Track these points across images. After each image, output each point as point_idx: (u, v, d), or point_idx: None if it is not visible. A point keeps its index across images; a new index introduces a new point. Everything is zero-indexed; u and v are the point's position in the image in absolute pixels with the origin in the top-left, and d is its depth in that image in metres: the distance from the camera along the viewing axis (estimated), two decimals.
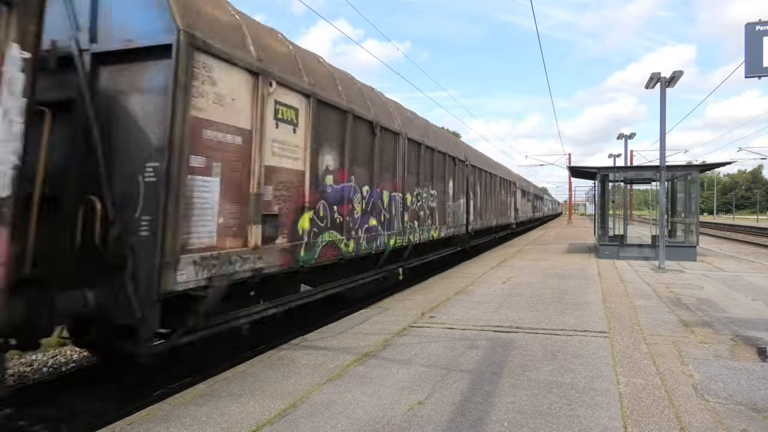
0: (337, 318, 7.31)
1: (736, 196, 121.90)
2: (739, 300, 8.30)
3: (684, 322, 6.69)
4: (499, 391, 4.15)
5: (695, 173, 16.06)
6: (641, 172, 18.08)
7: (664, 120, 13.06)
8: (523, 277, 11.03)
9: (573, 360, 4.99)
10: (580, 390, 4.16)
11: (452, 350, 5.35)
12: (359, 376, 4.56)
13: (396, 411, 3.76)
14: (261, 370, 4.79)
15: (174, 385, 5.35)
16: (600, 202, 17.87)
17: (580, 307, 7.69)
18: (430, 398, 4.00)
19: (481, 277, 11.10)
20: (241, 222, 5.13)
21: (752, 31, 6.54)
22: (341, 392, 4.15)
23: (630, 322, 6.67)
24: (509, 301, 8.13)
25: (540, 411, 3.74)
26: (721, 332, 6.11)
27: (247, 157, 5.21)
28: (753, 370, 4.70)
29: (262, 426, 3.53)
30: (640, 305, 7.83)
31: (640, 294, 8.90)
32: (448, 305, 7.87)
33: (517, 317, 6.95)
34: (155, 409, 3.93)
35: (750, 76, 6.48)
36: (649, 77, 12.88)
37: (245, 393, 4.19)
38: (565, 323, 6.58)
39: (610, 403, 3.88)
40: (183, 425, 3.58)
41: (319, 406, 3.86)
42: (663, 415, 3.66)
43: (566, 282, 10.35)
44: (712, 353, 5.23)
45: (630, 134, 27.66)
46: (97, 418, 4.58)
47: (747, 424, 3.52)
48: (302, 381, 4.44)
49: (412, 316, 7.05)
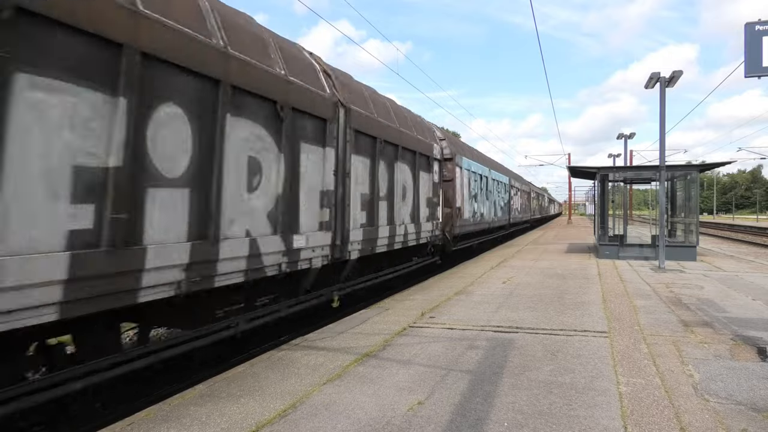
0: (337, 318, 7.31)
1: (736, 195, 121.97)
2: (739, 300, 8.30)
3: (684, 322, 6.68)
4: (499, 391, 4.15)
5: (695, 173, 16.06)
6: (641, 172, 18.07)
7: (663, 120, 13.06)
8: (523, 277, 11.03)
9: (573, 360, 4.99)
10: (581, 390, 4.16)
11: (452, 350, 5.35)
12: (359, 376, 4.56)
13: (396, 411, 3.76)
14: (261, 370, 4.79)
15: (174, 386, 5.35)
16: (600, 202, 17.86)
17: (580, 307, 7.68)
18: (430, 398, 4.00)
19: (480, 278, 11.10)
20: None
21: (752, 31, 6.54)
22: (341, 392, 4.15)
23: (630, 322, 6.66)
24: (509, 302, 8.13)
25: (540, 411, 3.74)
26: (721, 332, 6.11)
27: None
28: (753, 369, 4.70)
29: (262, 426, 3.53)
30: (640, 305, 7.83)
31: (640, 294, 8.90)
32: (448, 305, 7.87)
33: (517, 317, 6.95)
34: (155, 409, 3.93)
35: (749, 76, 6.48)
36: (649, 77, 12.88)
37: (245, 393, 4.19)
38: (565, 323, 6.58)
39: (610, 403, 3.87)
40: (183, 426, 3.58)
41: (319, 407, 3.86)
42: (663, 415, 3.66)
43: (566, 282, 10.34)
44: (712, 353, 5.23)
45: (630, 134, 27.68)
46: (97, 419, 4.58)
47: (747, 423, 3.52)
48: (302, 381, 4.44)
49: (412, 317, 7.04)
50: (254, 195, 5.56)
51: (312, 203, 6.74)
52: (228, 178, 5.11)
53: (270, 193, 5.82)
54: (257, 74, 5.53)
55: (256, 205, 5.59)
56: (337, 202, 7.38)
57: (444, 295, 8.87)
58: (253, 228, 5.51)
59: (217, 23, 5.14)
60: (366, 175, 8.41)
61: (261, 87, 5.58)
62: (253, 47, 5.69)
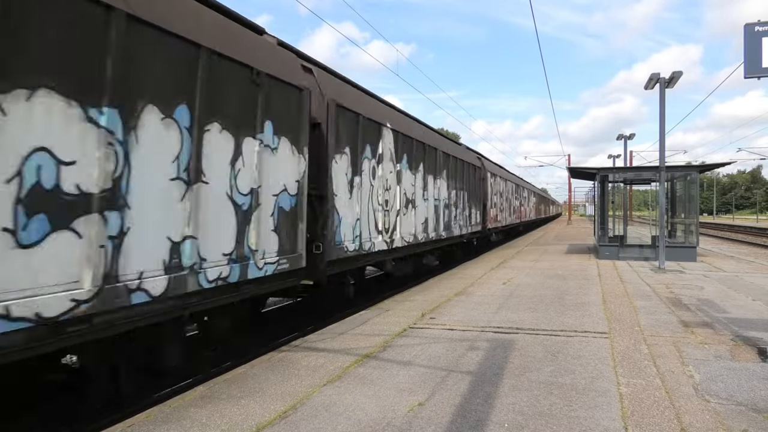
0: (337, 319, 7.31)
1: (736, 196, 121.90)
2: (739, 300, 8.30)
3: (684, 322, 6.68)
4: (500, 392, 4.14)
5: (694, 174, 16.08)
6: (641, 173, 18.09)
7: (663, 120, 13.07)
8: (523, 278, 11.02)
9: (573, 361, 4.98)
10: (581, 391, 4.16)
11: (453, 351, 5.34)
12: (359, 377, 4.56)
13: (396, 412, 3.75)
14: (261, 371, 4.79)
15: (174, 387, 5.34)
16: (600, 202, 17.86)
17: (581, 307, 7.68)
18: (430, 400, 4.00)
19: (481, 278, 11.10)
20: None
21: (751, 32, 6.54)
22: (342, 394, 4.15)
23: (630, 322, 6.66)
24: (510, 302, 8.12)
25: (540, 412, 3.74)
26: (722, 333, 6.10)
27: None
28: (753, 370, 4.70)
29: (262, 428, 3.53)
30: (641, 306, 7.83)
31: (640, 294, 8.89)
32: (448, 306, 7.87)
33: (517, 318, 6.94)
34: (155, 410, 3.93)
35: (749, 77, 6.47)
36: (648, 78, 12.89)
37: (245, 395, 4.19)
38: (566, 324, 6.57)
39: (610, 404, 3.87)
40: (183, 427, 3.57)
41: (319, 408, 3.86)
42: (664, 416, 3.65)
43: (566, 283, 10.34)
44: (713, 354, 5.22)
45: (629, 135, 27.72)
46: (97, 420, 4.57)
47: (747, 424, 3.52)
48: (302, 382, 4.44)
49: (412, 317, 7.04)
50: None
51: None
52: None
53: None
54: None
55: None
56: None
57: (444, 295, 8.86)
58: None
59: None
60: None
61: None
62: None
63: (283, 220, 5.94)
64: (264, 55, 5.69)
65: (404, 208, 10.12)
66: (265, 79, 5.50)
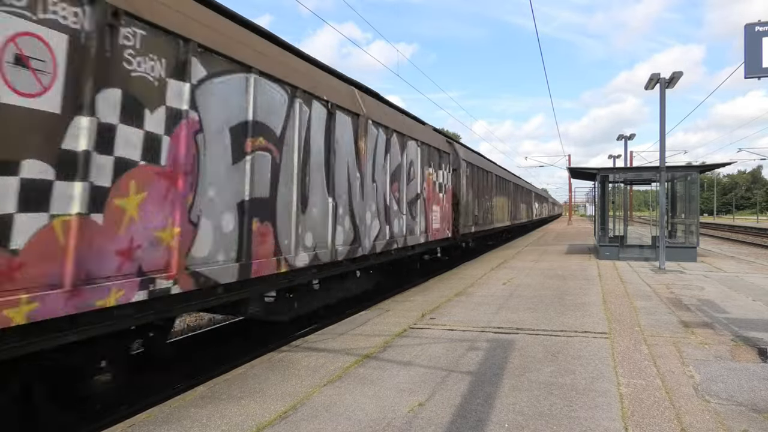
0: (337, 319, 7.31)
1: (736, 196, 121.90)
2: (739, 300, 8.30)
3: (684, 322, 6.68)
4: (500, 392, 4.14)
5: (695, 174, 16.07)
6: (641, 173, 18.07)
7: (663, 121, 13.07)
8: (523, 279, 11.02)
9: (574, 361, 4.99)
10: (581, 391, 4.16)
11: (453, 352, 5.35)
12: (360, 377, 4.56)
13: (396, 413, 3.76)
14: (261, 371, 4.79)
15: (174, 387, 5.35)
16: (600, 203, 17.86)
17: (581, 308, 7.68)
18: (430, 400, 4.00)
19: (481, 279, 11.10)
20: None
21: (751, 32, 6.54)
22: (342, 394, 4.15)
23: (630, 323, 6.66)
24: (510, 303, 8.12)
25: (541, 412, 3.74)
26: (722, 333, 6.10)
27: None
28: (753, 370, 4.70)
29: (262, 428, 3.53)
30: (641, 306, 7.83)
31: (640, 295, 8.89)
32: (448, 306, 7.87)
33: (517, 318, 6.94)
34: (155, 411, 3.93)
35: (749, 77, 6.47)
36: (649, 78, 12.89)
37: (246, 395, 4.19)
38: (566, 324, 6.57)
39: (610, 405, 3.87)
40: (183, 427, 3.58)
41: (319, 408, 3.86)
42: (664, 416, 3.66)
43: (566, 283, 10.34)
44: (713, 354, 5.22)
45: (630, 135, 27.72)
46: (97, 420, 4.58)
47: (748, 424, 3.52)
48: (303, 383, 4.44)
49: (413, 318, 7.04)
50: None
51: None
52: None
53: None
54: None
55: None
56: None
57: (444, 296, 8.87)
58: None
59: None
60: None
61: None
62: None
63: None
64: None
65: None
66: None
